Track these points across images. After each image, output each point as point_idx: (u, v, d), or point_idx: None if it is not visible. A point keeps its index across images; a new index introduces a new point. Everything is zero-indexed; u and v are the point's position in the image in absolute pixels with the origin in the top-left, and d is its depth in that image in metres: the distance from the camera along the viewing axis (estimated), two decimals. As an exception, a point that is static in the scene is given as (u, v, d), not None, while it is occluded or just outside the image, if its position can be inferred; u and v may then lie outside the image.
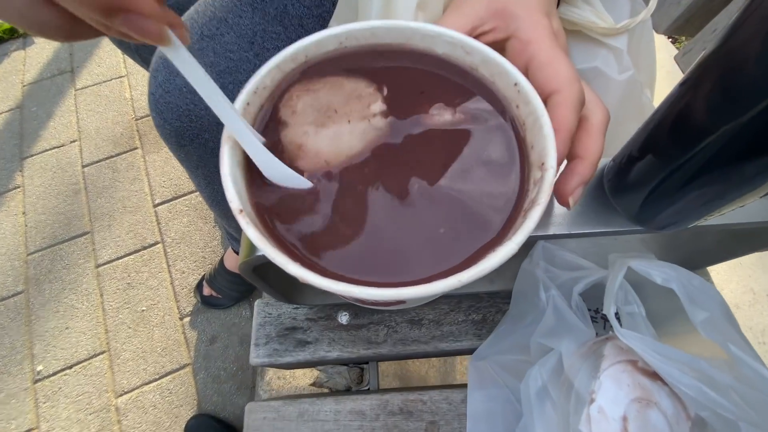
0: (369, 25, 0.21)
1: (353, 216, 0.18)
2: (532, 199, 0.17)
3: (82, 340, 0.97)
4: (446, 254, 0.17)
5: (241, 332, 0.93)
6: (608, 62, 0.38)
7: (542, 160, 0.18)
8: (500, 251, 0.15)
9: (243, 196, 0.18)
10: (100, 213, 1.08)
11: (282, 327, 0.42)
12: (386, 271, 0.17)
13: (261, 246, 0.15)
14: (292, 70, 0.22)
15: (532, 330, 0.36)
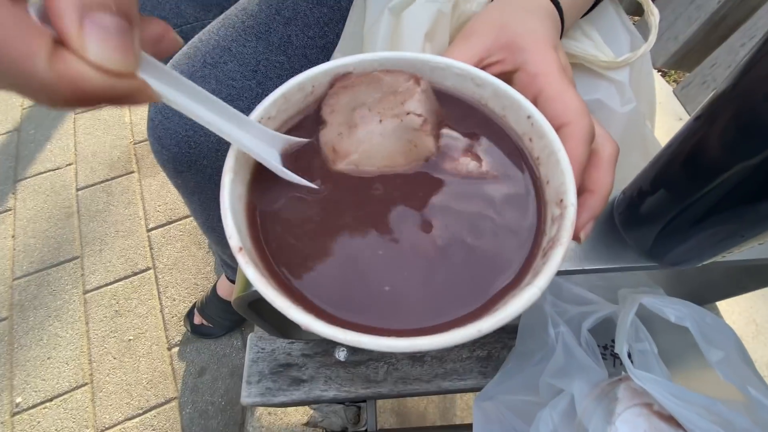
0: (377, 57, 0.21)
1: (363, 255, 0.17)
2: (551, 238, 0.16)
3: (65, 371, 0.92)
4: (462, 299, 0.15)
5: (231, 363, 0.90)
6: (610, 95, 0.38)
7: (560, 197, 0.17)
8: (521, 296, 0.14)
9: (243, 230, 0.17)
10: (91, 237, 1.06)
11: (276, 363, 0.39)
12: (397, 317, 0.15)
13: (261, 288, 0.14)
14: (298, 100, 0.21)
15: (541, 369, 0.35)
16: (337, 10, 0.45)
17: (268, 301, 0.14)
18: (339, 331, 0.13)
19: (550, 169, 0.18)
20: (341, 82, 0.21)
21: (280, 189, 0.19)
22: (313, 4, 0.44)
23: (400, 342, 0.13)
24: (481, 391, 0.38)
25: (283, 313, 0.14)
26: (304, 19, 0.44)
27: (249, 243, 0.17)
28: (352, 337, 0.13)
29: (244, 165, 0.18)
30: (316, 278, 0.16)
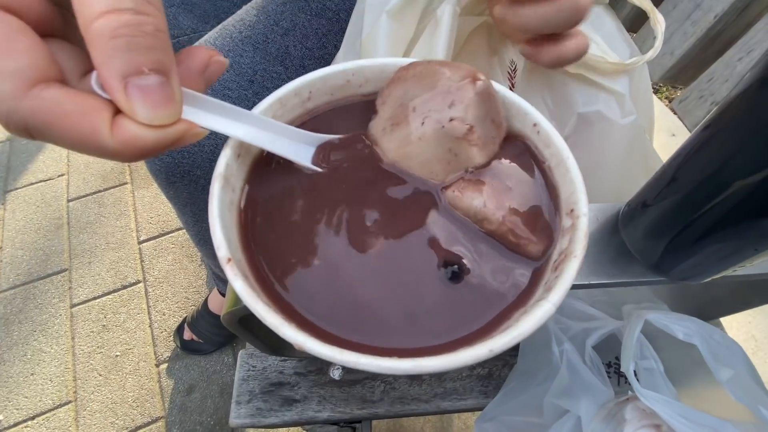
0: (379, 62, 0.20)
1: (363, 268, 0.16)
2: (563, 251, 0.15)
3: (48, 388, 0.89)
4: (468, 316, 0.14)
5: (221, 381, 0.87)
6: (610, 106, 0.38)
7: (571, 207, 0.16)
8: (534, 313, 0.13)
9: (233, 240, 0.15)
10: (81, 249, 1.04)
11: (267, 382, 0.38)
12: (399, 336, 0.14)
13: (250, 303, 0.13)
14: (294, 106, 0.20)
15: (545, 389, 0.33)
16: (336, 22, 0.45)
17: (258, 317, 0.13)
18: (336, 351, 0.12)
19: (560, 178, 0.17)
20: (400, 72, 0.20)
21: (276, 196, 0.18)
22: (312, 16, 0.44)
23: (403, 363, 0.12)
24: (482, 412, 0.36)
25: (274, 331, 0.12)
26: (302, 30, 0.44)
27: (240, 254, 0.16)
28: (350, 357, 0.12)
29: (237, 171, 0.17)
30: (313, 292, 0.15)
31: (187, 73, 0.15)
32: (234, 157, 0.17)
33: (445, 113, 0.18)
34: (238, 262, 0.14)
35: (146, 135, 0.13)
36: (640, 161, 0.40)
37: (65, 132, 0.13)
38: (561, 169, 0.17)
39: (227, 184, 0.16)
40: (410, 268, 0.16)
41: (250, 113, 0.17)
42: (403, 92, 0.19)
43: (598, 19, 0.36)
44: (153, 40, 0.12)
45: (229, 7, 0.58)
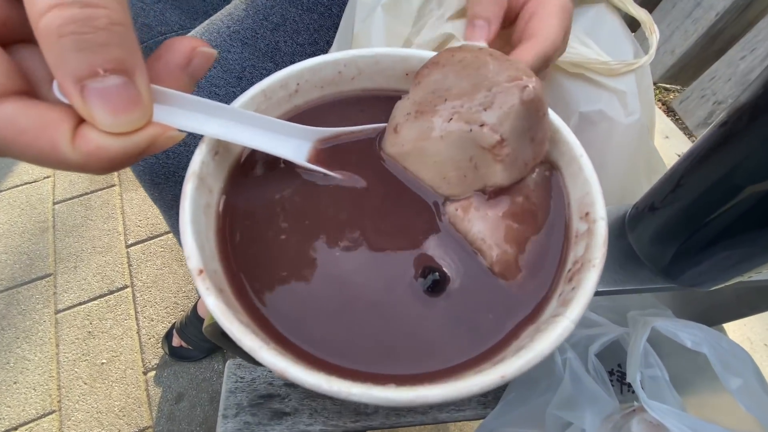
0: (373, 52, 0.19)
1: (355, 282, 0.14)
2: (578, 259, 0.13)
3: (31, 397, 0.86)
4: (474, 335, 0.13)
5: (211, 389, 0.84)
6: (612, 105, 0.37)
7: (585, 210, 0.14)
8: (551, 332, 0.11)
9: (208, 249, 0.14)
10: (66, 253, 1.01)
11: (256, 394, 0.36)
12: (396, 360, 0.12)
13: (224, 323, 0.11)
14: (280, 99, 0.18)
15: (547, 399, 0.32)
16: (328, 17, 0.43)
17: (233, 339, 0.11)
18: (322, 379, 0.10)
19: (572, 178, 0.16)
20: (445, 54, 0.17)
21: (261, 199, 0.16)
22: (303, 10, 0.42)
23: (403, 393, 0.10)
24: (481, 424, 0.34)
25: (252, 356, 0.11)
26: (293, 26, 0.42)
27: (216, 264, 0.14)
28: (340, 387, 0.10)
29: (215, 170, 0.16)
30: (298, 310, 0.13)
31: (166, 69, 0.13)
32: (210, 154, 0.15)
33: (477, 115, 0.15)
34: (213, 274, 0.13)
35: (111, 144, 0.12)
36: (643, 162, 0.39)
37: (25, 149, 0.12)
38: (573, 168, 0.15)
39: (202, 184, 0.15)
40: (407, 284, 0.14)
41: (230, 108, 0.15)
42: (440, 77, 0.16)
43: (599, 20, 0.35)
44: (107, 35, 0.11)
45: (218, 3, 0.57)
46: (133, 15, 0.58)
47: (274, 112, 0.19)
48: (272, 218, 0.16)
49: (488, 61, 0.16)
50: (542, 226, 0.16)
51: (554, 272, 0.14)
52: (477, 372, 0.11)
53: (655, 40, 0.31)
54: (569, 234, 0.15)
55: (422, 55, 0.19)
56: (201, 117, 0.14)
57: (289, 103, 0.19)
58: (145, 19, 0.56)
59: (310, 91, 0.19)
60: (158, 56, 0.13)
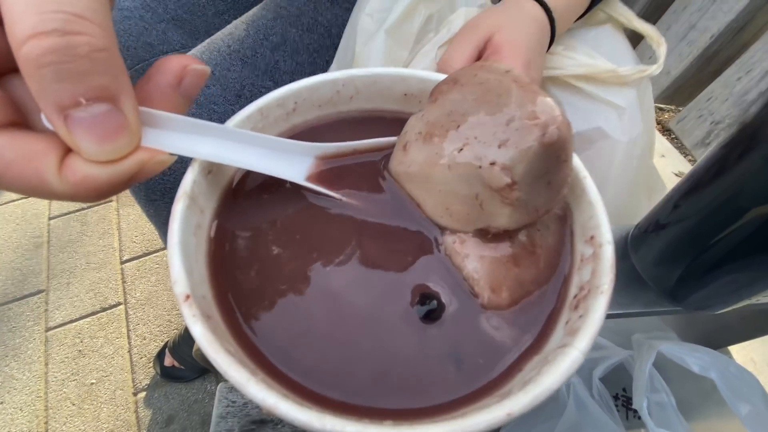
0: (372, 72, 0.18)
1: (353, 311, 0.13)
2: (584, 284, 0.13)
3: (17, 418, 0.83)
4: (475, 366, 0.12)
5: (203, 411, 0.82)
6: (611, 122, 0.37)
7: (590, 233, 0.14)
8: (559, 364, 0.11)
9: (198, 273, 0.13)
10: (60, 269, 0.99)
11: (248, 419, 0.34)
12: (393, 394, 0.12)
13: (210, 353, 0.10)
14: (277, 118, 0.18)
15: (551, 427, 0.30)
16: (328, 37, 0.43)
17: (219, 371, 0.10)
18: (314, 416, 0.09)
19: (576, 199, 0.15)
20: (468, 72, 0.16)
21: (255, 221, 0.16)
22: (303, 31, 0.43)
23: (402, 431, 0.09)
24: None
25: (239, 390, 0.10)
26: (293, 45, 0.42)
27: (206, 289, 0.13)
28: (333, 425, 0.09)
29: (207, 189, 0.15)
30: (290, 338, 0.13)
31: (157, 90, 0.13)
32: (203, 173, 0.15)
33: (490, 150, 0.13)
34: (201, 300, 0.12)
35: (98, 173, 0.11)
36: (643, 181, 0.39)
37: (12, 181, 0.11)
38: (576, 190, 0.15)
39: (194, 204, 0.14)
40: (404, 313, 0.13)
41: (223, 127, 0.15)
42: (458, 98, 0.15)
43: (604, 38, 0.36)
44: (89, 63, 0.10)
45: (219, 23, 0.57)
46: (136, 34, 0.58)
47: (270, 132, 0.18)
48: (267, 242, 0.15)
49: (512, 89, 0.14)
50: (544, 270, 0.15)
51: (556, 299, 0.14)
52: (481, 408, 0.10)
53: (663, 51, 0.32)
54: (573, 258, 0.15)
55: (420, 75, 0.19)
56: (193, 138, 0.14)
57: (286, 122, 0.19)
58: (147, 38, 0.57)
59: (308, 111, 0.19)
60: (149, 77, 0.13)
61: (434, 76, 0.18)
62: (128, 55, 0.55)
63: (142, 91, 0.13)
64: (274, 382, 0.11)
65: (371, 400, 0.11)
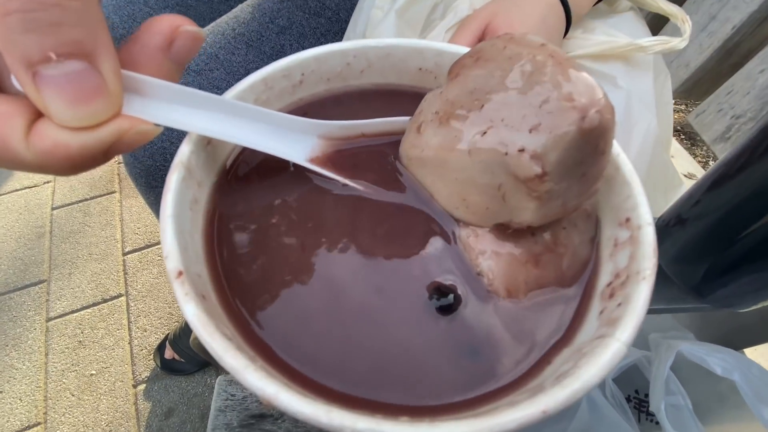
0: (386, 43, 0.17)
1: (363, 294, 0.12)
2: (619, 271, 0.12)
3: (17, 408, 0.82)
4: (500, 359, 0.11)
5: (203, 404, 0.81)
6: (620, 108, 0.35)
7: (626, 215, 0.13)
8: (598, 356, 0.09)
9: (193, 249, 0.12)
10: (62, 260, 0.99)
11: (247, 414, 0.33)
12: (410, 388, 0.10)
13: (203, 336, 0.09)
14: (282, 90, 0.17)
15: (563, 428, 0.29)
16: (335, 22, 0.42)
17: (213, 357, 0.09)
18: (321, 409, 0.08)
19: (606, 180, 0.14)
20: (496, 43, 0.14)
21: (256, 198, 0.14)
22: (310, 14, 0.41)
23: (422, 429, 0.08)
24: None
25: (235, 378, 0.09)
26: (299, 29, 0.41)
27: (201, 266, 0.12)
28: (343, 419, 0.08)
29: (206, 161, 0.14)
30: (293, 323, 0.11)
31: (145, 52, 0.12)
32: (201, 144, 0.13)
33: (518, 135, 0.12)
34: (196, 279, 0.11)
35: (70, 141, 0.10)
36: (660, 176, 0.37)
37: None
38: (609, 168, 0.14)
39: (190, 176, 0.13)
40: (418, 301, 0.12)
41: (221, 98, 0.13)
42: (484, 74, 0.13)
43: (624, 21, 0.34)
44: (60, 12, 0.09)
45: (225, 9, 0.56)
46: (139, 20, 0.58)
47: (275, 105, 0.17)
48: (269, 220, 0.14)
49: (547, 65, 0.12)
50: (567, 273, 0.13)
51: (583, 288, 0.12)
52: (511, 404, 0.09)
53: (688, 28, 0.30)
54: (601, 244, 0.13)
55: (437, 47, 0.18)
56: (185, 110, 0.12)
57: (292, 95, 0.18)
58: (150, 22, 0.56)
59: (315, 84, 0.18)
60: (135, 38, 0.12)
61: (452, 48, 0.17)
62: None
63: (128, 54, 0.11)
64: (274, 370, 0.10)
65: (382, 394, 0.10)
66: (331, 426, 0.08)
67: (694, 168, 0.64)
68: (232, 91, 0.15)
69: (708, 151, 1.09)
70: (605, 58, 0.33)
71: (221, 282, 0.12)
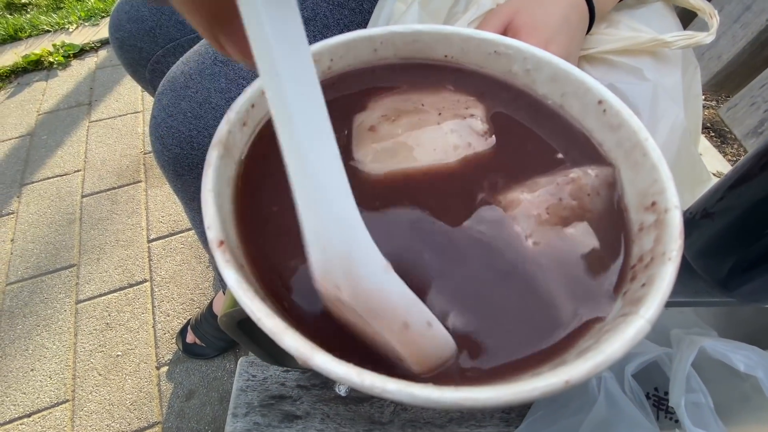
0: (411, 29, 0.17)
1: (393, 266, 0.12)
2: (643, 253, 0.12)
3: (47, 385, 0.87)
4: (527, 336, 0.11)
5: (222, 388, 0.83)
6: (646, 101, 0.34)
7: (652, 199, 0.13)
8: (622, 332, 0.09)
9: (228, 225, 0.13)
10: (90, 245, 1.03)
11: (267, 394, 0.34)
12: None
13: (244, 300, 0.10)
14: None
15: (579, 420, 0.29)
16: (359, 13, 0.42)
17: (252, 319, 0.10)
18: (353, 370, 0.09)
19: (633, 166, 0.14)
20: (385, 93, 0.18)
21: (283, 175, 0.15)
22: (334, 6, 0.42)
23: (447, 393, 0.08)
24: (505, 443, 0.32)
25: (273, 339, 0.09)
26: (323, 21, 0.42)
27: (236, 241, 0.13)
28: (373, 381, 0.09)
29: (240, 142, 0.15)
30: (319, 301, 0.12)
31: None
32: (238, 125, 0.14)
33: (463, 111, 0.16)
34: (234, 249, 0.12)
35: None
36: (687, 169, 0.37)
37: None
38: (635, 154, 0.14)
39: (228, 154, 0.14)
40: (454, 277, 0.12)
41: None
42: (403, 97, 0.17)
43: (653, 14, 0.33)
44: None
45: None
46: (168, 12, 0.59)
47: None
48: None
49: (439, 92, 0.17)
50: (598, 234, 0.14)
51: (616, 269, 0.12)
52: (534, 375, 0.09)
53: (715, 23, 0.29)
54: (627, 228, 0.13)
55: (464, 33, 0.18)
56: None
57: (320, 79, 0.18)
58: (180, 16, 0.57)
59: (343, 70, 0.18)
60: None
61: (478, 34, 0.17)
62: (160, 34, 0.56)
63: None
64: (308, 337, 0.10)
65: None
66: (362, 386, 0.09)
67: (723, 166, 0.62)
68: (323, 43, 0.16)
69: (738, 149, 1.05)
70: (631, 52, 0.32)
71: (255, 255, 0.13)
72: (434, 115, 0.16)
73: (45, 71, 1.43)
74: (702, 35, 0.30)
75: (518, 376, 0.09)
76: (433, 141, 0.16)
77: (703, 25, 0.34)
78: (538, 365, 0.10)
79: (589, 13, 0.31)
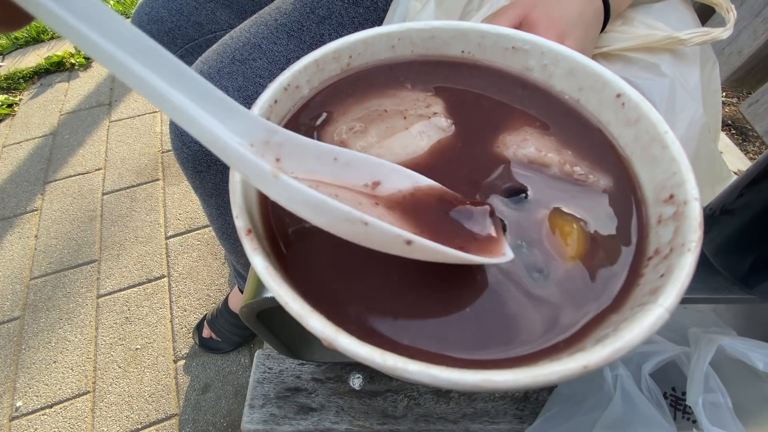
0: (429, 25, 0.18)
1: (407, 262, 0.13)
2: (662, 245, 0.12)
3: (68, 377, 0.89)
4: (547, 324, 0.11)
5: (237, 382, 0.85)
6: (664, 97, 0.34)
7: (670, 192, 0.13)
8: (640, 320, 0.10)
9: (255, 213, 0.13)
10: (111, 241, 1.06)
11: (283, 387, 0.35)
12: (458, 341, 0.11)
13: (272, 285, 0.10)
14: (332, 72, 0.18)
15: (594, 418, 0.29)
16: (374, 11, 0.43)
17: (280, 303, 0.10)
18: (375, 351, 0.09)
19: (650, 160, 0.14)
20: None
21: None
22: (349, 4, 0.42)
23: (467, 375, 0.09)
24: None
25: (300, 322, 0.10)
26: (338, 19, 0.42)
27: (261, 230, 0.13)
28: (395, 362, 0.09)
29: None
30: (346, 280, 0.12)
31: None
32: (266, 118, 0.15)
33: (426, 110, 0.17)
34: (260, 238, 0.12)
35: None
36: (705, 165, 0.36)
37: None
38: (655, 147, 0.14)
39: (252, 148, 0.14)
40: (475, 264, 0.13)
41: None
42: (367, 104, 0.17)
43: (669, 10, 0.33)
44: None
45: (267, 3, 0.58)
46: (186, 13, 0.60)
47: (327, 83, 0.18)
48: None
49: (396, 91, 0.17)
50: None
51: (632, 262, 0.13)
52: (553, 360, 0.09)
53: (733, 18, 0.29)
54: (647, 221, 0.13)
55: (481, 29, 0.18)
56: None
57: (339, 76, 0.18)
58: (197, 17, 0.58)
59: (361, 67, 0.19)
60: None
61: (495, 30, 0.17)
62: (179, 35, 0.57)
63: None
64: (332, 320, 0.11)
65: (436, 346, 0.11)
66: (384, 367, 0.09)
67: (744, 165, 0.61)
68: (289, 71, 0.16)
69: (760, 146, 1.02)
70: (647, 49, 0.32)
71: (279, 246, 0.13)
72: (400, 120, 0.17)
73: (67, 72, 1.47)
74: (718, 31, 0.30)
75: (537, 361, 0.10)
76: (404, 148, 0.17)
77: (723, 20, 0.33)
78: (556, 353, 0.10)
79: (604, 10, 0.31)
